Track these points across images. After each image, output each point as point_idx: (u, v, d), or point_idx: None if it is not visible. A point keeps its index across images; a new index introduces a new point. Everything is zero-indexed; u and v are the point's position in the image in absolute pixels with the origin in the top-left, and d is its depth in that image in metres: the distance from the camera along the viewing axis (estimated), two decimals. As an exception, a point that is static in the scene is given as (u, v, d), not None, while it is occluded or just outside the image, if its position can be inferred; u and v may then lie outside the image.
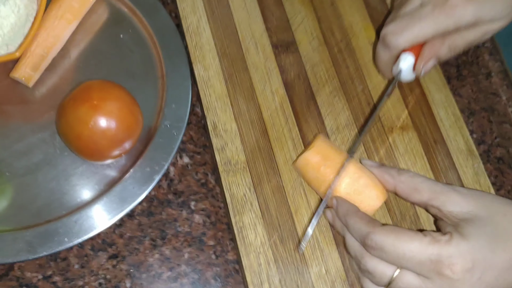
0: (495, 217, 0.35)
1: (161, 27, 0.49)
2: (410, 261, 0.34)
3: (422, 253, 0.34)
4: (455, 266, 0.33)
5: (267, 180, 0.45)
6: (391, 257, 0.35)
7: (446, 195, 0.37)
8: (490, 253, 0.34)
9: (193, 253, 0.44)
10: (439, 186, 0.38)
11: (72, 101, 0.42)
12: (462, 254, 0.33)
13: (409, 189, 0.39)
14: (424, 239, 0.34)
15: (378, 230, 0.36)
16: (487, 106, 0.51)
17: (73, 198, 0.44)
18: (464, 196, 0.37)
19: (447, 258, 0.33)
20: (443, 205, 0.37)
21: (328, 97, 0.48)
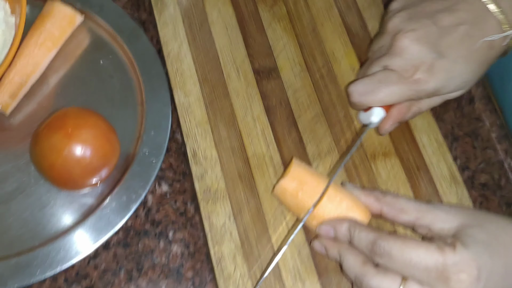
0: (483, 224, 0.36)
1: (142, 53, 0.49)
2: (416, 268, 0.34)
3: (429, 260, 0.34)
4: (462, 274, 0.33)
5: (248, 209, 0.44)
6: (398, 263, 0.35)
7: (433, 213, 0.38)
8: (490, 259, 0.34)
9: (170, 285, 0.42)
10: (424, 205, 0.39)
11: (46, 129, 0.41)
12: (467, 262, 0.34)
13: (396, 210, 0.39)
14: (431, 246, 0.35)
15: (386, 236, 0.36)
16: (470, 131, 0.51)
17: (47, 228, 0.43)
18: (448, 212, 0.38)
19: (453, 266, 0.34)
20: (432, 224, 0.37)
21: (310, 123, 0.48)
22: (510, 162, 0.49)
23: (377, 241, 0.36)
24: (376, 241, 0.36)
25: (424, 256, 0.34)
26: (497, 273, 0.35)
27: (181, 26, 0.50)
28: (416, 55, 0.42)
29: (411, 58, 0.42)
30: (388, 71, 0.43)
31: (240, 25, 0.51)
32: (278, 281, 0.41)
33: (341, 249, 0.39)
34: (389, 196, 0.40)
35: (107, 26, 0.50)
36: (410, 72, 0.42)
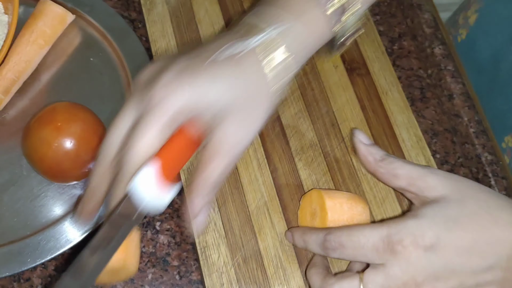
0: (465, 201, 0.36)
1: (131, 50, 0.50)
2: (366, 248, 0.35)
3: (374, 236, 0.35)
4: (404, 240, 0.34)
5: (232, 200, 0.45)
6: (350, 250, 0.36)
7: (423, 180, 0.37)
8: (444, 231, 0.34)
9: (157, 274, 0.44)
10: (417, 171, 0.38)
11: (36, 123, 0.43)
12: (410, 229, 0.34)
13: (388, 175, 0.39)
14: (375, 224, 0.36)
15: (333, 230, 0.37)
16: (450, 127, 0.53)
17: (38, 218, 0.44)
18: (441, 179, 0.37)
19: (396, 235, 0.34)
20: (419, 191, 0.37)
21: (293, 119, 0.49)
22: (487, 156, 0.51)
23: (326, 237, 0.37)
24: (325, 238, 0.37)
25: (370, 234, 0.35)
26: (459, 246, 0.34)
27: (169, 25, 0.52)
28: None
29: None
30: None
31: (227, 23, 0.53)
32: (260, 268, 0.43)
33: (307, 269, 0.41)
34: (385, 161, 0.39)
35: (98, 25, 0.51)
36: None
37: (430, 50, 0.54)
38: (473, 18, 0.58)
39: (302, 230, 0.41)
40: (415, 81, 0.54)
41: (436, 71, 0.54)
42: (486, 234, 0.35)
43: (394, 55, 0.55)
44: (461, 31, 0.61)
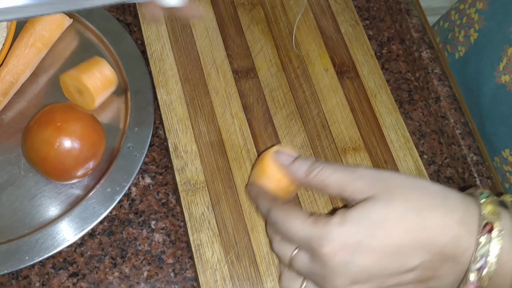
0: (393, 201, 0.35)
1: (127, 53, 0.52)
2: (294, 237, 0.36)
3: (301, 232, 0.35)
4: (323, 248, 0.34)
5: (225, 199, 0.47)
6: (282, 232, 0.37)
7: (352, 184, 0.36)
8: (368, 238, 0.34)
9: (152, 271, 0.45)
10: (345, 176, 0.37)
11: (36, 124, 0.44)
12: (331, 237, 0.34)
13: (320, 185, 0.38)
14: (308, 219, 0.36)
15: (276, 206, 0.38)
16: (437, 128, 0.54)
17: (36, 217, 0.45)
18: (368, 181, 0.36)
19: (317, 239, 0.35)
20: (352, 195, 0.37)
21: (285, 120, 0.51)
22: (473, 157, 0.52)
23: (269, 211, 0.38)
24: (269, 211, 0.38)
25: (298, 228, 0.36)
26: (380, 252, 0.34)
27: (164, 28, 0.53)
28: None
29: None
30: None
31: (220, 27, 0.54)
32: (253, 265, 0.44)
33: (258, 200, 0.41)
34: (314, 172, 0.38)
35: (94, 29, 0.53)
36: None
37: (417, 54, 0.56)
38: (475, 36, 0.60)
39: (256, 190, 0.42)
40: (403, 84, 0.56)
41: (423, 74, 0.56)
42: (413, 238, 0.34)
43: (383, 58, 0.57)
44: (460, 48, 0.63)
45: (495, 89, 0.52)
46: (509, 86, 0.50)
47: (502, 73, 0.50)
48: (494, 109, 0.52)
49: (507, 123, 0.50)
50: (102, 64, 0.48)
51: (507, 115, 0.50)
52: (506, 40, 0.51)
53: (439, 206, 0.35)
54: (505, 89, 0.50)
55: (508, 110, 0.50)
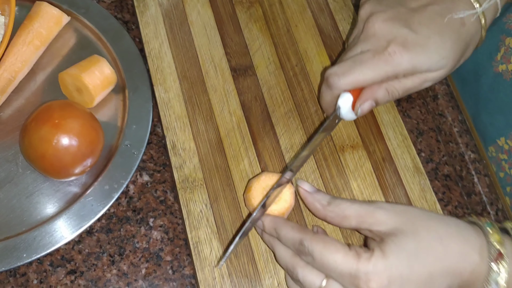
0: (419, 232, 0.37)
1: (125, 51, 0.52)
2: (333, 271, 0.36)
3: (343, 266, 0.36)
4: (371, 283, 0.35)
5: (223, 197, 0.47)
6: (318, 264, 0.37)
7: (372, 216, 0.38)
8: (407, 269, 0.36)
9: (150, 269, 0.45)
10: (364, 208, 0.39)
11: (34, 122, 0.44)
12: (378, 272, 0.35)
13: (338, 217, 0.40)
14: (349, 252, 0.36)
15: (310, 237, 0.38)
16: (434, 126, 0.55)
17: (34, 215, 0.45)
18: (388, 213, 0.38)
19: (364, 275, 0.35)
20: (371, 227, 0.38)
21: (283, 118, 0.51)
22: (470, 154, 0.52)
23: (302, 242, 0.38)
24: (301, 242, 0.38)
25: (340, 262, 0.36)
26: (417, 281, 0.36)
27: (162, 26, 0.53)
28: (388, 32, 0.42)
29: (384, 36, 0.42)
30: (363, 52, 0.43)
31: (218, 25, 0.54)
32: (251, 262, 0.44)
33: (271, 240, 0.41)
34: (333, 205, 0.40)
35: (92, 27, 0.53)
36: (384, 46, 0.42)
37: (415, 52, 0.56)
38: None
39: (275, 222, 0.41)
40: (401, 82, 0.56)
41: (421, 73, 0.56)
42: (440, 266, 0.36)
43: (381, 57, 0.57)
44: None
45: (493, 79, 0.52)
46: (506, 75, 0.50)
47: (499, 63, 0.51)
48: (492, 98, 0.53)
49: (504, 111, 0.51)
50: (102, 63, 0.48)
51: (504, 103, 0.51)
52: (503, 30, 0.52)
53: (455, 235, 0.37)
54: (502, 77, 0.50)
55: (506, 98, 0.51)
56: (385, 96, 0.44)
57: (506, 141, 0.51)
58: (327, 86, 0.45)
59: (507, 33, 0.52)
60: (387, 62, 0.42)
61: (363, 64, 0.43)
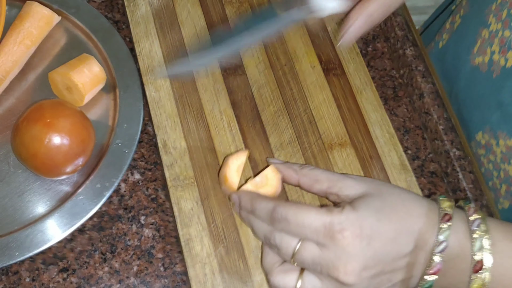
0: (383, 195, 0.40)
1: (116, 51, 0.52)
2: (308, 229, 0.38)
3: (318, 221, 0.38)
4: (345, 232, 0.37)
5: (214, 194, 0.47)
6: (293, 226, 0.38)
7: (342, 182, 0.42)
8: (376, 222, 0.38)
9: (142, 266, 0.46)
10: (336, 175, 0.43)
11: (25, 121, 0.44)
12: (351, 221, 0.38)
13: (311, 181, 0.43)
14: (321, 210, 0.39)
15: (283, 203, 0.40)
16: (420, 124, 0.56)
17: (26, 213, 0.45)
18: (357, 181, 0.42)
19: (338, 225, 0.37)
20: (340, 191, 0.41)
21: (273, 117, 0.52)
22: (455, 151, 0.54)
23: (275, 208, 0.39)
24: (275, 208, 0.40)
25: (314, 218, 0.38)
26: (384, 236, 0.38)
27: (152, 26, 0.54)
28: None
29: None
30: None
31: (208, 25, 0.55)
32: (242, 259, 0.45)
33: (249, 216, 0.43)
34: (306, 169, 0.44)
35: (83, 26, 0.53)
36: None
37: (402, 51, 0.57)
38: (458, 22, 0.60)
39: (251, 195, 0.42)
40: (388, 81, 0.57)
41: (407, 71, 0.57)
42: (404, 225, 0.39)
43: (368, 56, 0.58)
44: (444, 36, 0.64)
45: (470, 72, 0.53)
46: (482, 67, 0.51)
47: (476, 55, 0.51)
48: (469, 93, 0.54)
49: (481, 106, 0.52)
50: (91, 61, 0.49)
51: (480, 96, 0.52)
52: (481, 23, 0.52)
53: (415, 199, 0.41)
54: (479, 70, 0.51)
55: (482, 91, 0.52)
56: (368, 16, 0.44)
57: (483, 135, 0.52)
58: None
59: (484, 25, 0.52)
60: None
61: None
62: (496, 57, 0.49)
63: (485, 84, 0.51)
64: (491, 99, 0.52)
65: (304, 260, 0.39)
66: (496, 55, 0.49)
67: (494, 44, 0.49)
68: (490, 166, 0.54)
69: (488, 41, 0.50)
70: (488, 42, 0.50)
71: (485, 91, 0.51)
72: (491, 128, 0.51)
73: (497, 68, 0.49)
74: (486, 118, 0.52)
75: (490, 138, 0.50)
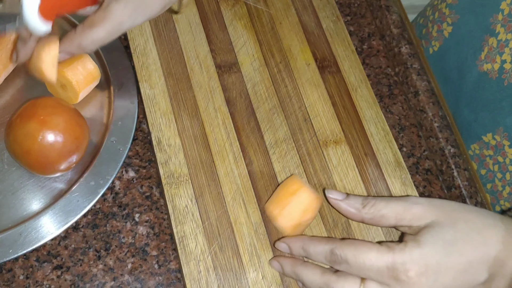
0: (456, 224, 0.38)
1: (110, 48, 0.52)
2: (370, 270, 0.37)
3: (379, 261, 0.36)
4: (409, 272, 0.36)
5: (208, 192, 0.47)
6: (355, 268, 0.37)
7: (410, 212, 0.39)
8: (445, 257, 0.36)
9: (136, 263, 0.46)
10: (401, 205, 0.40)
11: (19, 118, 0.44)
12: (415, 260, 0.36)
13: (376, 218, 0.40)
14: (381, 248, 0.37)
15: (339, 244, 0.38)
16: (416, 122, 0.56)
17: (20, 211, 0.45)
18: (426, 207, 0.39)
19: (402, 265, 0.36)
20: (410, 223, 0.39)
21: (268, 114, 0.51)
22: (450, 149, 0.54)
23: (333, 251, 0.38)
24: (333, 251, 0.38)
25: (376, 259, 0.36)
26: (456, 270, 0.36)
27: (147, 23, 0.53)
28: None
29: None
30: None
31: (203, 22, 0.55)
32: (236, 256, 0.45)
33: (295, 268, 0.41)
34: (368, 206, 0.41)
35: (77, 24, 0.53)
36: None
37: (397, 49, 0.57)
38: (449, 30, 0.61)
39: (302, 241, 0.41)
40: (383, 79, 0.57)
41: (403, 69, 0.57)
42: (479, 255, 0.37)
43: (364, 54, 0.58)
44: (434, 43, 0.65)
45: (477, 77, 0.54)
46: (491, 74, 0.52)
47: (484, 62, 0.52)
48: (476, 96, 0.54)
49: (489, 108, 0.52)
50: (85, 59, 0.49)
51: (489, 100, 0.52)
52: (486, 30, 0.53)
53: (493, 225, 0.38)
54: (487, 76, 0.52)
55: (491, 96, 0.52)
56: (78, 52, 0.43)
57: (493, 136, 0.53)
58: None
59: (491, 33, 0.53)
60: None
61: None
62: (508, 66, 0.50)
63: (496, 89, 0.52)
64: (505, 103, 0.52)
65: None
66: (507, 64, 0.50)
67: (505, 53, 0.51)
68: (495, 168, 0.54)
69: (496, 50, 0.51)
70: (497, 50, 0.51)
71: (496, 96, 0.52)
72: (505, 129, 0.52)
73: (510, 76, 0.50)
74: (499, 120, 0.52)
75: (503, 139, 0.51)
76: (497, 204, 0.58)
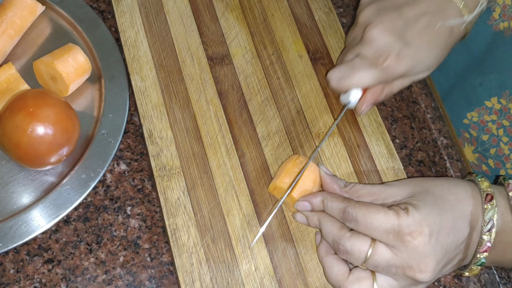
0: (429, 189, 0.42)
1: (101, 41, 0.51)
2: (377, 231, 0.39)
3: (387, 223, 0.39)
4: (414, 233, 0.38)
5: (201, 184, 0.47)
6: (363, 227, 0.40)
7: (383, 192, 0.43)
8: (438, 216, 0.39)
9: (128, 256, 0.45)
10: (376, 187, 0.43)
11: (8, 110, 0.43)
12: (418, 222, 0.39)
13: (353, 197, 0.44)
14: (389, 211, 0.40)
15: (353, 204, 0.41)
16: (408, 113, 0.56)
17: (10, 204, 0.45)
18: (398, 187, 0.43)
19: (406, 227, 0.39)
20: (385, 201, 0.42)
21: (260, 106, 0.51)
22: (443, 140, 0.54)
23: (346, 209, 0.41)
24: (345, 209, 0.41)
25: (383, 220, 0.39)
26: (446, 227, 0.40)
27: (138, 15, 0.53)
28: (384, 44, 0.46)
29: (380, 47, 0.46)
30: (361, 58, 0.47)
31: (195, 14, 0.54)
32: (228, 248, 0.45)
33: (320, 217, 0.44)
34: (348, 187, 0.44)
35: (67, 16, 0.52)
36: (381, 60, 0.46)
37: (390, 41, 0.57)
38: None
39: (322, 194, 0.44)
40: (376, 70, 0.57)
41: (395, 61, 0.57)
42: (458, 211, 0.41)
43: (356, 45, 0.58)
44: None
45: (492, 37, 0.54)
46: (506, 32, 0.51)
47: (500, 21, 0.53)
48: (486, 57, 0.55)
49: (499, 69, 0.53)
50: (76, 51, 0.48)
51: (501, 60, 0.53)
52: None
53: (456, 185, 0.42)
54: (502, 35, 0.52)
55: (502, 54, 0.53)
56: (384, 97, 0.50)
57: (499, 100, 0.53)
58: (330, 87, 0.50)
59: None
60: (382, 72, 0.47)
61: (360, 71, 0.47)
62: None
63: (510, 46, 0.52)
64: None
65: (378, 264, 0.40)
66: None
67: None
68: (500, 132, 0.54)
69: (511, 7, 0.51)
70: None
71: (506, 55, 0.52)
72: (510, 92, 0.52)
73: None
74: (505, 83, 0.53)
75: (509, 102, 0.52)
76: (502, 168, 0.57)
